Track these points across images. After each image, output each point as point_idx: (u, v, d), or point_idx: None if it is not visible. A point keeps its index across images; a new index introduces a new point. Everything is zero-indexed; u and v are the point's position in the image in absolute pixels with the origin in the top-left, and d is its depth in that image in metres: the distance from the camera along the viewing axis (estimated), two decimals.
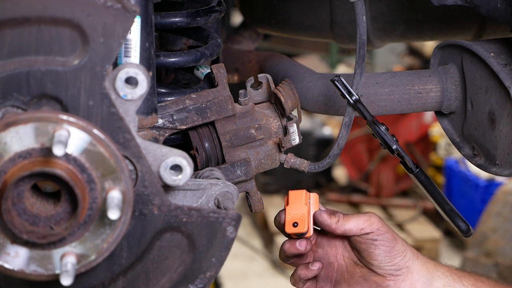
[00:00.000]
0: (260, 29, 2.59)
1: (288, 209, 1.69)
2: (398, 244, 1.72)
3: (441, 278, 1.76)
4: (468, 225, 1.78)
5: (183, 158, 1.39)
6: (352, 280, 1.76)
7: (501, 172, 1.81)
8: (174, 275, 1.45)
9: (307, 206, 1.69)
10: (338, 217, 1.71)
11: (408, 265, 1.73)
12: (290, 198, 1.71)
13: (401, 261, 1.72)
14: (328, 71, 8.63)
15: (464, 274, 1.77)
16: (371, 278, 1.74)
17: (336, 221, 1.70)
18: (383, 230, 1.70)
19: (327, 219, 1.70)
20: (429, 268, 1.76)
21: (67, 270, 1.29)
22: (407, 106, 1.89)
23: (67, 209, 1.31)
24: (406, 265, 1.73)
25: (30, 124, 1.28)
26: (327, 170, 7.02)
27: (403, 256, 1.73)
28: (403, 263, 1.73)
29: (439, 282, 1.75)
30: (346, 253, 1.77)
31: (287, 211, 1.69)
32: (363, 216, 1.71)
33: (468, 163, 4.92)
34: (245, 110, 1.67)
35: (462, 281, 1.76)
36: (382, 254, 1.71)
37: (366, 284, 1.74)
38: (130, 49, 1.48)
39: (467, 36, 2.19)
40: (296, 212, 1.69)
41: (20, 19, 1.30)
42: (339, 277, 1.77)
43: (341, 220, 1.70)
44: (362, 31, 1.68)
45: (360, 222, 1.70)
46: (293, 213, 1.69)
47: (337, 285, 1.77)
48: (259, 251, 6.36)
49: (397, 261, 1.72)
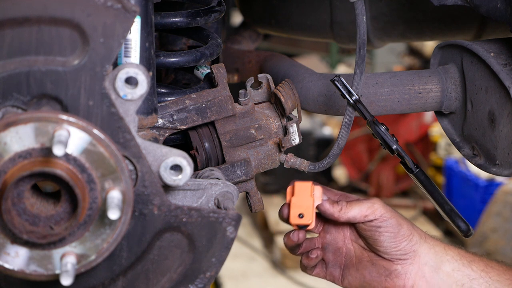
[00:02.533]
0: (260, 29, 2.59)
1: (294, 199, 1.69)
2: (403, 229, 1.72)
3: (450, 262, 1.75)
4: (468, 225, 1.78)
5: (183, 158, 1.39)
6: (360, 265, 1.77)
7: (501, 172, 1.81)
8: (174, 275, 1.45)
9: (312, 198, 1.70)
10: (341, 205, 1.72)
11: (415, 249, 1.73)
12: (296, 190, 1.71)
13: (407, 245, 1.73)
14: (328, 71, 8.63)
15: (474, 258, 1.76)
16: (379, 262, 1.75)
17: (339, 209, 1.71)
18: (386, 216, 1.71)
19: (329, 208, 1.71)
20: (437, 251, 1.76)
21: (67, 270, 1.29)
22: (407, 106, 1.89)
23: (67, 209, 1.31)
24: (413, 249, 1.73)
25: (30, 124, 1.28)
26: (327, 170, 7.01)
27: (409, 240, 1.73)
28: (409, 247, 1.73)
29: (448, 266, 1.75)
30: (353, 237, 1.78)
31: (293, 202, 1.69)
32: (366, 202, 1.72)
33: (468, 163, 4.91)
34: (245, 110, 1.67)
35: (472, 266, 1.75)
36: (387, 240, 1.72)
37: (374, 269, 1.75)
38: (130, 49, 1.48)
39: (467, 36, 2.19)
40: (302, 203, 1.69)
41: (20, 19, 1.30)
42: (347, 262, 1.78)
43: (344, 208, 1.71)
44: (362, 31, 1.68)
45: (363, 209, 1.71)
46: (299, 204, 1.69)
47: (346, 269, 1.78)
48: (259, 251, 6.36)
49: (402, 246, 1.72)
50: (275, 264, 6.11)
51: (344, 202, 1.72)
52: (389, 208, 1.74)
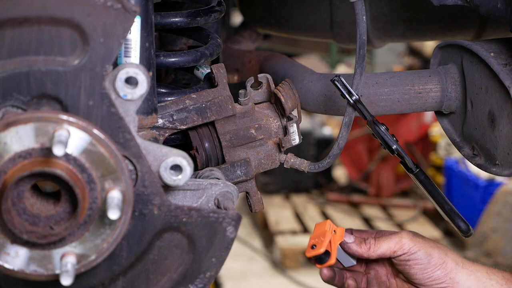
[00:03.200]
0: (260, 29, 2.59)
1: (311, 237, 1.75)
2: (433, 259, 1.71)
3: (494, 287, 1.73)
4: (468, 225, 1.78)
5: (183, 158, 1.39)
6: None
7: (501, 172, 1.81)
8: (174, 275, 1.45)
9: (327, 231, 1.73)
10: (369, 244, 1.74)
11: (451, 276, 1.72)
12: (314, 229, 1.77)
13: (441, 273, 1.72)
14: (328, 71, 8.63)
15: None
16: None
17: (367, 248, 1.74)
18: (414, 249, 1.71)
19: (357, 249, 1.74)
20: (479, 277, 1.73)
21: (67, 270, 1.29)
22: (407, 106, 1.89)
23: (67, 209, 1.31)
24: (449, 277, 1.72)
25: (30, 124, 1.28)
26: (327, 170, 7.02)
27: (442, 269, 1.72)
28: (444, 275, 1.72)
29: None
30: (395, 272, 1.80)
31: (310, 238, 1.75)
32: (394, 237, 1.73)
33: (468, 163, 4.90)
34: (245, 110, 1.67)
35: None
36: (419, 272, 1.72)
37: None
38: (130, 49, 1.48)
39: (467, 36, 2.19)
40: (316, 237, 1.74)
41: (20, 19, 1.30)
42: None
43: (372, 246, 1.74)
44: (362, 31, 1.68)
45: (391, 245, 1.72)
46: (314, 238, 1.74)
47: None
48: (259, 251, 6.36)
49: (436, 276, 1.72)
50: (275, 264, 6.11)
51: (371, 240, 1.74)
52: (419, 239, 1.73)
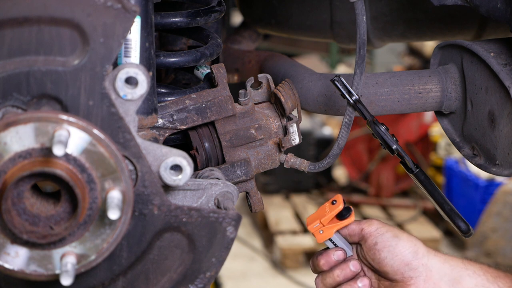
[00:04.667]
0: (260, 29, 2.59)
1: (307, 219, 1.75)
2: (401, 241, 1.67)
3: (471, 277, 1.67)
4: (468, 225, 1.77)
5: (183, 158, 1.39)
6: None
7: (501, 172, 1.81)
8: (174, 275, 1.45)
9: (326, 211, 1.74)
10: None
11: (424, 263, 1.67)
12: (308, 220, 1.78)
13: (413, 258, 1.66)
14: (328, 71, 8.63)
15: (499, 274, 1.67)
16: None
17: None
18: (382, 230, 1.69)
19: None
20: (454, 265, 1.68)
21: (67, 270, 1.29)
22: (407, 106, 1.89)
23: (67, 209, 1.31)
24: (421, 263, 1.67)
25: (30, 124, 1.28)
26: (327, 170, 7.02)
27: (413, 253, 1.67)
28: (416, 262, 1.66)
29: (469, 281, 1.66)
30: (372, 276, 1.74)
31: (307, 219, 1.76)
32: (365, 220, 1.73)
33: (468, 163, 4.91)
34: (245, 110, 1.67)
35: (498, 282, 1.66)
36: (388, 256, 1.67)
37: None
38: (130, 49, 1.48)
39: (467, 36, 2.19)
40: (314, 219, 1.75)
41: (20, 19, 1.30)
42: None
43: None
44: (362, 31, 1.68)
45: (362, 224, 1.72)
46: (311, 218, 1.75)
47: None
48: (259, 251, 6.36)
49: (408, 260, 1.66)
50: (275, 264, 6.11)
51: None
52: (388, 225, 1.71)
